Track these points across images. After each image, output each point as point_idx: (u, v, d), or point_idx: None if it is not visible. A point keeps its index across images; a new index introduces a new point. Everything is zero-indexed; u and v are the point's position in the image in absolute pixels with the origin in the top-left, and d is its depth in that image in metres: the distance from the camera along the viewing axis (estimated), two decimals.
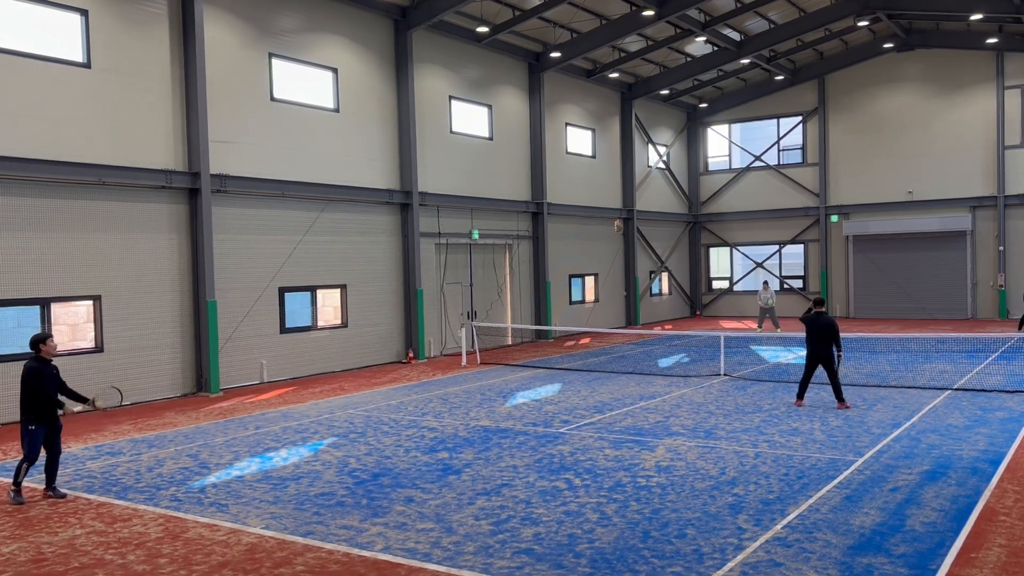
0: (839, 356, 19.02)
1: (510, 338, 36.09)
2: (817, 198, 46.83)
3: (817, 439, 15.72)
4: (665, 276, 48.31)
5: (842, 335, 19.92)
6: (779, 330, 36.88)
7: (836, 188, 46.41)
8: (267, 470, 14.32)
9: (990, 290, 42.90)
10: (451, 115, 32.77)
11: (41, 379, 12.59)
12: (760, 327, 38.17)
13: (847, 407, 18.83)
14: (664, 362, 28.55)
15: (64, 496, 12.84)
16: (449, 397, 21.90)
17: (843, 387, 20.84)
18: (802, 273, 48.21)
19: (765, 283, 38.72)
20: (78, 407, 13.42)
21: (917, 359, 27.56)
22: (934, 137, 43.69)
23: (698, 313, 50.60)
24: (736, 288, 50.25)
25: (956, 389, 21.25)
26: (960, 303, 43.51)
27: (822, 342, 18.91)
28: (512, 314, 36.03)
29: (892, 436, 15.83)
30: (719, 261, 51.20)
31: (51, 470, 12.95)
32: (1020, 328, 34.72)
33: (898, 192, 44.52)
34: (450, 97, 32.71)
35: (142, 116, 22.47)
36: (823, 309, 19.32)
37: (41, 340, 12.85)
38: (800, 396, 19.47)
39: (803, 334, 20.46)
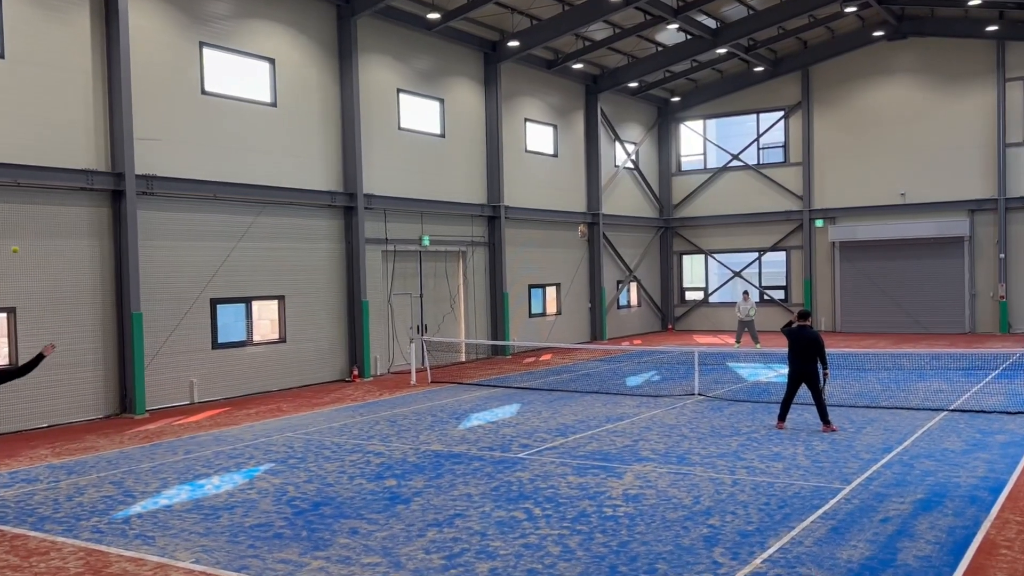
0: (825, 374, 19.08)
1: (464, 354, 36.25)
2: (800, 201, 47.24)
3: (800, 465, 15.80)
4: (634, 286, 48.67)
5: (828, 351, 20.08)
6: (759, 346, 37.25)
7: (821, 190, 46.80)
8: (198, 499, 14.32)
9: (990, 302, 43.18)
10: (400, 110, 32.94)
11: None
12: (739, 342, 38.50)
13: (833, 430, 18.93)
14: (633, 380, 28.75)
15: None
16: (397, 419, 21.98)
17: (829, 408, 21.01)
18: (784, 283, 48.58)
19: (745, 293, 39.00)
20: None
21: (910, 377, 27.72)
22: (929, 134, 44.03)
23: (670, 327, 50.97)
24: (711, 299, 50.63)
25: (953, 410, 21.37)
26: (957, 316, 43.85)
27: (806, 358, 19.00)
28: (466, 328, 36.20)
29: (883, 462, 15.91)
30: (693, 270, 51.57)
31: None
32: None
33: (889, 194, 44.89)
34: (398, 90, 32.87)
35: (60, 111, 22.39)
36: (808, 322, 19.45)
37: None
38: (782, 418, 19.60)
39: (785, 349, 20.54)
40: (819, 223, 46.82)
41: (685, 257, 51.51)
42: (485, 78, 36.93)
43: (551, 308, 41.73)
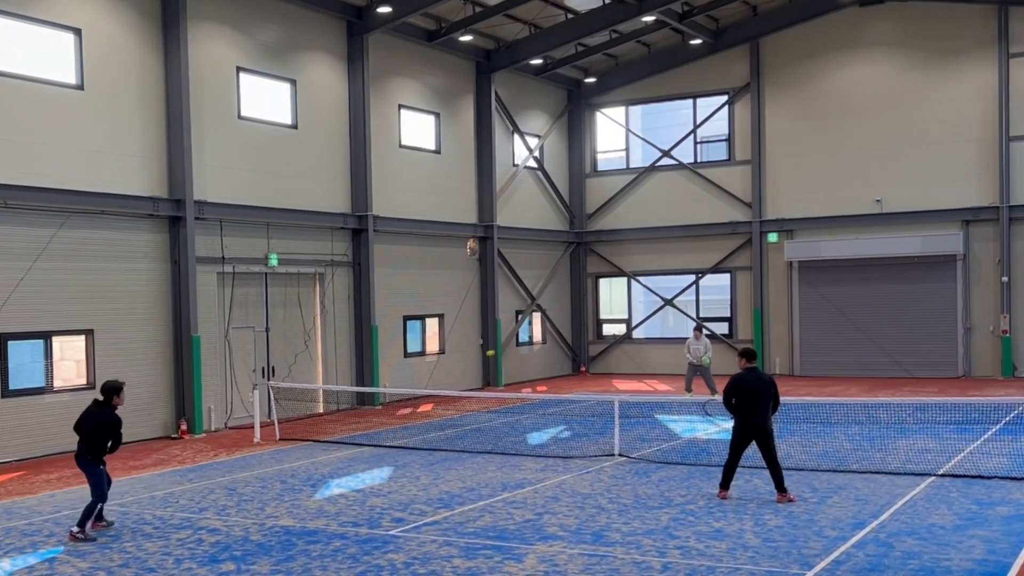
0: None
1: (322, 404, 36.74)
2: (749, 209, 47.89)
3: (749, 545, 16.11)
4: (537, 318, 49.62)
5: (782, 399, 20.45)
6: (716, 396, 34.66)
7: (775, 196, 47.44)
8: None
9: (990, 337, 43.65)
10: (240, 93, 33.56)
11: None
12: (690, 390, 37.15)
13: (791, 499, 19.22)
14: (536, 438, 29.45)
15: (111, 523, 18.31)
16: (237, 486, 22.40)
17: (785, 471, 21.27)
18: (727, 314, 49.51)
19: (697, 330, 38.43)
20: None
21: (888, 433, 28.14)
22: (912, 125, 44.48)
23: (583, 369, 51.76)
24: (636, 334, 51.55)
25: (942, 475, 21.68)
26: (948, 356, 44.32)
27: (759, 410, 19.33)
28: (325, 371, 36.79)
29: (853, 540, 16.15)
30: (612, 297, 52.48)
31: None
32: None
33: (862, 202, 45.35)
34: (239, 69, 33.52)
35: None
36: (754, 364, 19.89)
37: (119, 389, 19.03)
38: (724, 485, 19.85)
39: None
40: (772, 238, 47.33)
41: (602, 281, 52.45)
42: (349, 54, 37.60)
43: (432, 345, 42.51)
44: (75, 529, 17.55)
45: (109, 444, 18.43)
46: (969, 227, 43.89)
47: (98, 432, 18.32)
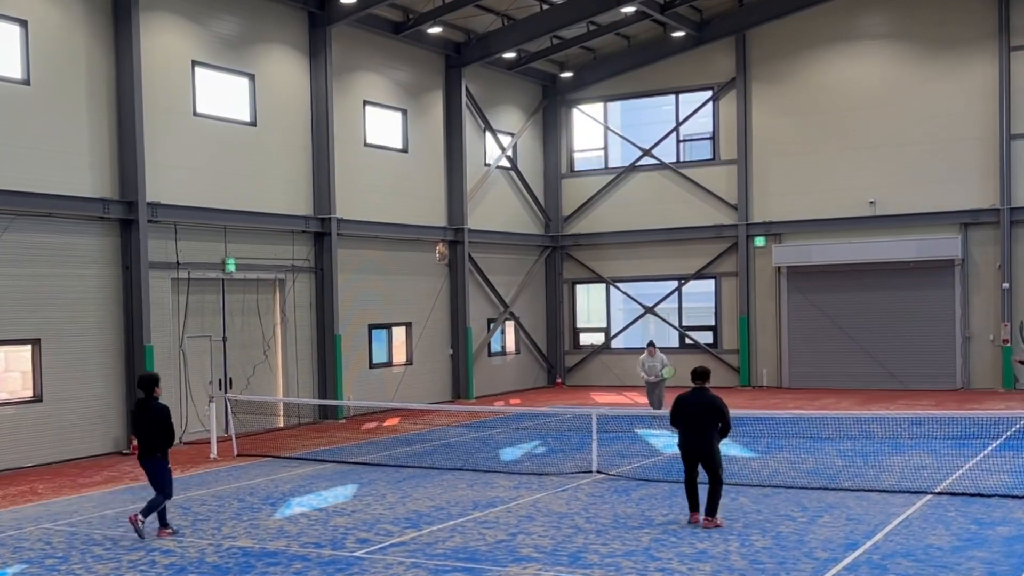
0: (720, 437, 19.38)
1: (282, 418, 36.88)
2: (735, 212, 48.16)
3: (735, 567, 16.13)
4: (511, 327, 49.86)
5: (769, 413, 20.36)
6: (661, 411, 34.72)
7: (762, 197, 47.69)
8: None
9: (990, 347, 43.90)
10: (195, 89, 33.71)
11: None
12: (657, 406, 36.15)
13: (718, 525, 18.91)
14: (509, 454, 29.63)
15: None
16: (192, 505, 22.54)
17: (768, 489, 21.81)
18: (712, 322, 49.74)
19: (651, 345, 37.24)
20: None
21: (882, 449, 28.18)
22: (908, 123, 44.71)
23: (559, 381, 51.98)
24: (615, 344, 51.78)
25: (940, 493, 21.73)
26: (946, 367, 44.65)
27: (700, 431, 19.22)
28: (285, 383, 36.94)
29: (846, 562, 16.16)
30: (590, 304, 52.67)
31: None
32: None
33: (854, 204, 45.51)
34: (194, 63, 33.65)
35: None
36: (706, 384, 19.70)
37: (157, 379, 20.36)
38: (693, 507, 19.62)
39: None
40: (759, 242, 47.60)
41: (580, 287, 52.74)
42: (311, 47, 37.76)
43: (399, 356, 42.70)
44: (140, 516, 19.16)
45: (164, 441, 19.84)
46: (968, 230, 44.11)
47: (155, 424, 19.75)
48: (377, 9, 38.86)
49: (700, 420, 19.23)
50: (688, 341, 49.83)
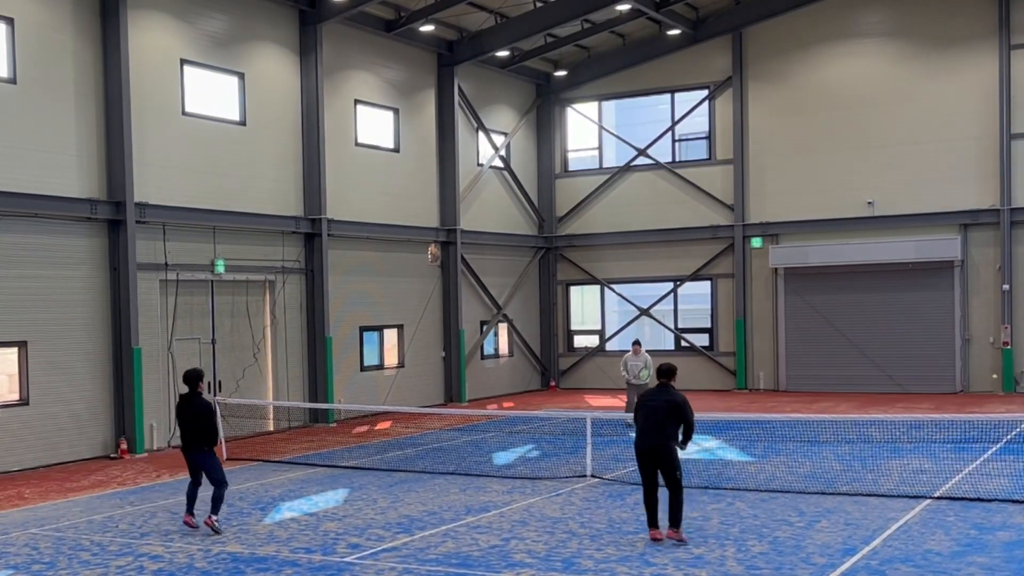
0: (681, 444, 18.70)
1: (272, 421, 36.81)
2: (731, 212, 48.08)
3: (731, 573, 16.16)
4: (504, 329, 49.80)
5: (766, 416, 20.07)
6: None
7: (759, 198, 47.63)
8: None
9: (989, 350, 43.79)
10: (184, 87, 33.61)
11: None
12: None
13: (681, 540, 18.22)
14: (502, 458, 29.67)
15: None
16: (181, 509, 22.08)
17: (766, 494, 21.74)
18: (708, 324, 49.70)
19: (636, 344, 35.93)
20: None
21: (881, 453, 28.33)
22: (907, 121, 44.56)
23: (553, 384, 51.99)
24: (609, 347, 51.67)
25: (939, 498, 21.77)
26: (945, 370, 44.52)
27: (655, 430, 18.56)
28: (276, 386, 36.85)
29: (843, 568, 16.19)
30: (584, 306, 52.67)
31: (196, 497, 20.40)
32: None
33: (852, 204, 45.39)
34: (183, 61, 33.55)
35: None
36: (671, 381, 19.02)
37: (202, 374, 20.85)
38: (651, 523, 18.78)
39: (705, 416, 19.30)
40: (756, 243, 47.53)
41: (574, 289, 52.70)
42: (301, 45, 37.70)
43: (391, 358, 42.63)
44: (214, 517, 19.96)
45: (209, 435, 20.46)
46: (967, 231, 44.01)
47: (199, 419, 20.18)
48: (368, 7, 38.82)
49: (662, 419, 18.45)
50: (684, 343, 49.76)
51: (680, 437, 18.61)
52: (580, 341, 52.59)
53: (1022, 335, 43.22)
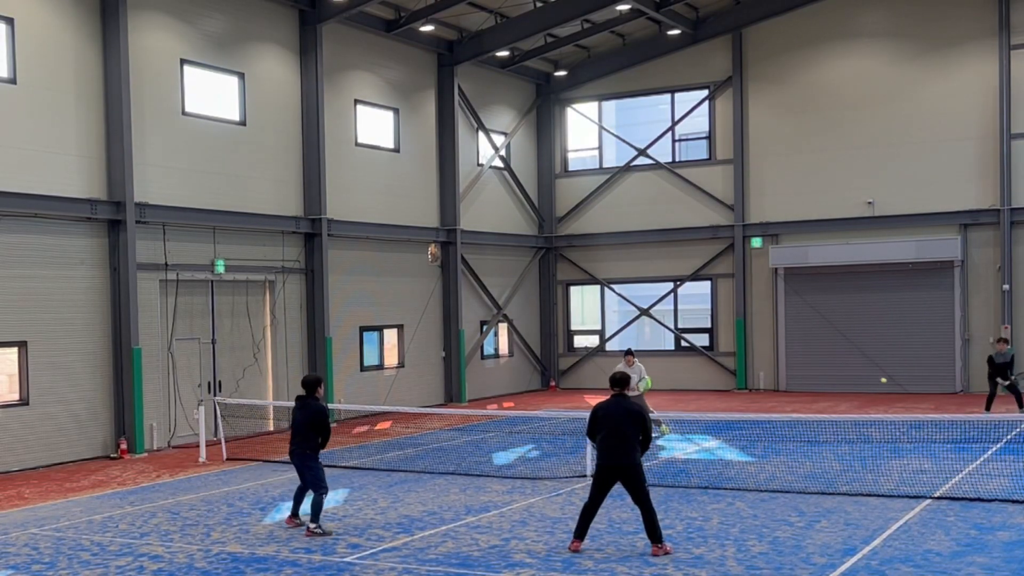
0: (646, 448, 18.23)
1: (272, 421, 36.85)
2: (731, 212, 48.12)
3: (731, 573, 16.25)
4: (504, 329, 49.89)
5: (766, 416, 20.09)
6: (665, 429, 34.06)
7: (759, 198, 47.68)
8: None
9: (989, 349, 42.23)
10: (184, 88, 33.70)
11: None
12: None
13: (667, 552, 17.62)
14: (502, 458, 29.75)
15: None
16: (181, 509, 22.54)
17: (766, 494, 21.80)
18: (708, 324, 49.74)
19: (628, 354, 33.42)
20: None
21: (881, 453, 28.39)
22: (906, 121, 44.60)
23: (553, 384, 52.07)
24: (609, 347, 51.68)
25: (939, 498, 21.82)
26: (945, 369, 44.56)
27: (622, 444, 17.88)
28: (275, 386, 36.94)
29: (843, 568, 16.26)
30: (584, 307, 52.72)
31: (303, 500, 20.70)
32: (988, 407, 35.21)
33: (852, 204, 45.48)
34: (183, 61, 33.65)
35: None
36: (625, 391, 18.62)
37: (320, 381, 21.46)
38: (579, 534, 18.24)
39: (705, 416, 18.94)
40: (756, 243, 47.57)
41: (574, 289, 52.75)
42: (301, 45, 37.78)
43: (391, 358, 42.72)
44: (312, 526, 19.84)
45: (319, 440, 20.70)
46: (967, 231, 44.05)
47: (312, 424, 20.51)
48: (368, 7, 38.89)
49: (626, 432, 17.77)
50: (684, 344, 49.86)
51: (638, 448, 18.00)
52: (580, 341, 52.65)
53: (1022, 334, 43.03)
